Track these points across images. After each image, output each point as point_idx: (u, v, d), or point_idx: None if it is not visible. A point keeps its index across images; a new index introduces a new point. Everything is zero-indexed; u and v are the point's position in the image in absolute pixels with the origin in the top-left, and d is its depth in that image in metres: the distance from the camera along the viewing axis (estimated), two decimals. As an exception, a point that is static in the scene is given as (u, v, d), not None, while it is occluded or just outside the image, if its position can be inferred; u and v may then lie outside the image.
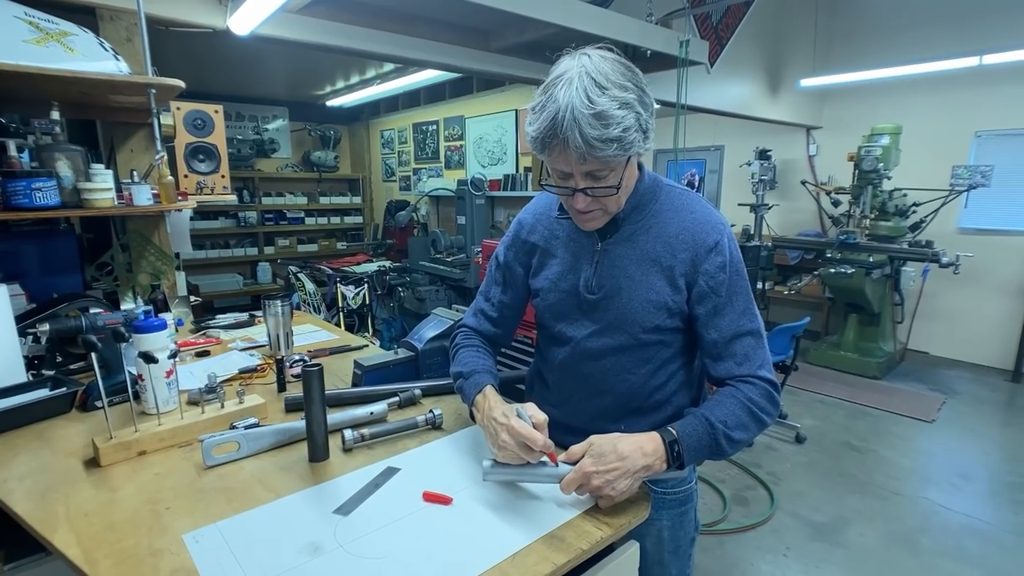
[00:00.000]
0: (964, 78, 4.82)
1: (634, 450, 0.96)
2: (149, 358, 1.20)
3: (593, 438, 0.99)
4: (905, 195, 4.83)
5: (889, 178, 4.76)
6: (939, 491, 3.08)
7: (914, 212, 4.82)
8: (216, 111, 2.53)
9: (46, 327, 1.43)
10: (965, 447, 3.65)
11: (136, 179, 1.88)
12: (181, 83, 1.84)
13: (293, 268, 4.98)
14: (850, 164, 4.90)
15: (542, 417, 1.02)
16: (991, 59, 4.03)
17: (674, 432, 1.00)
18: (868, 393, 4.45)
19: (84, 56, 1.71)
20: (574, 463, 0.97)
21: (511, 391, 3.53)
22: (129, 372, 1.33)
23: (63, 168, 1.68)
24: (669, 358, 1.14)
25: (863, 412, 4.14)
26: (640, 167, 1.10)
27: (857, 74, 4.72)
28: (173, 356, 1.29)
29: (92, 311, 1.55)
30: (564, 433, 1.15)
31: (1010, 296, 4.94)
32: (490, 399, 1.11)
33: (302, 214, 7.05)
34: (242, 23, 2.38)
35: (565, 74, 0.93)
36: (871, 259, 4.61)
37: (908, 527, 2.76)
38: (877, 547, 2.61)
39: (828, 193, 5.19)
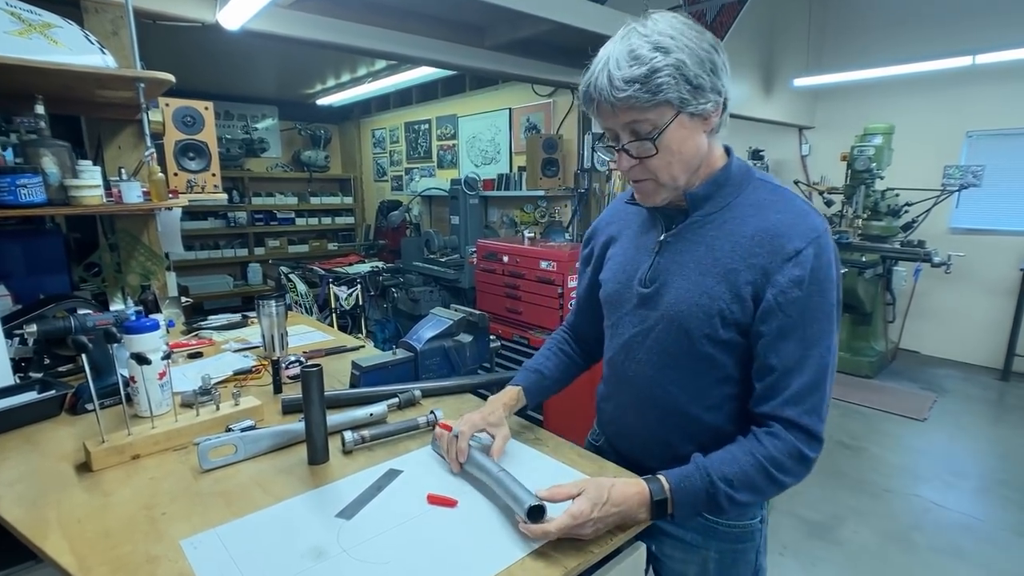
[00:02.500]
0: (956, 78, 4.85)
1: (622, 498, 0.90)
2: (142, 359, 1.16)
3: (583, 481, 0.92)
4: (897, 195, 4.86)
5: (882, 178, 4.79)
6: (931, 489, 3.10)
7: (906, 212, 4.85)
8: (206, 108, 2.49)
9: (33, 328, 1.39)
10: (956, 445, 3.68)
11: (125, 176, 1.84)
12: (171, 77, 1.80)
13: (284, 269, 4.92)
14: (843, 164, 4.93)
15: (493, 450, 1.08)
16: (984, 58, 4.06)
17: (666, 488, 0.92)
18: (860, 392, 4.47)
19: (69, 49, 1.66)
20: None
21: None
22: (121, 374, 1.29)
23: (49, 164, 1.64)
24: (722, 379, 0.99)
25: (855, 411, 4.16)
26: (729, 152, 1.01)
27: (850, 73, 4.74)
28: (166, 357, 1.26)
29: (81, 312, 1.51)
30: (610, 432, 1.20)
31: (1000, 296, 4.99)
32: (499, 399, 1.18)
33: (293, 214, 6.97)
34: (232, 17, 2.34)
35: (619, 33, 0.90)
36: (864, 259, 4.63)
37: (902, 524, 2.77)
38: (872, 545, 2.61)
39: (821, 193, 5.22)
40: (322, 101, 6.52)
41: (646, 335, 1.03)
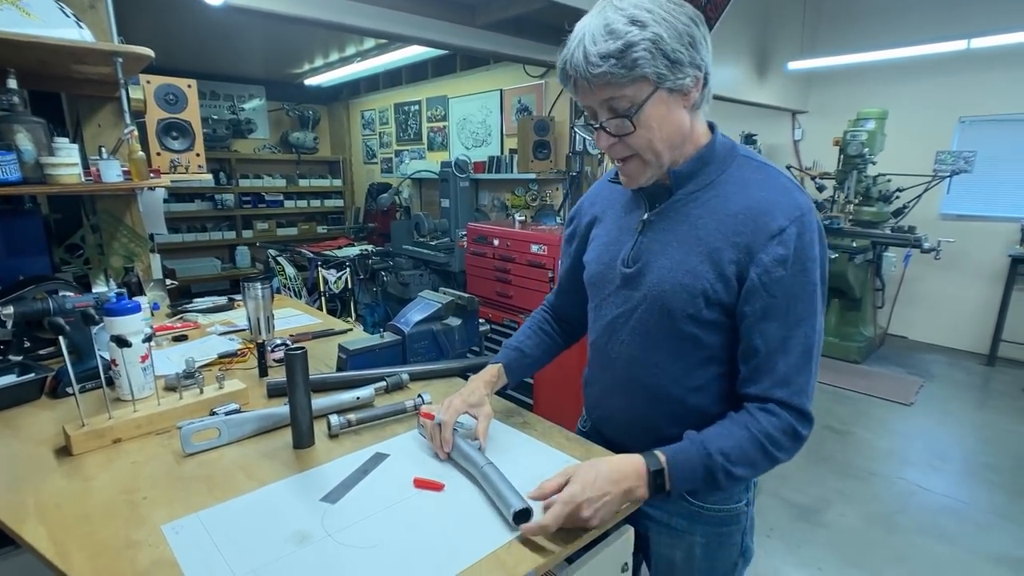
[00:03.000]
0: (949, 63, 4.84)
1: (618, 473, 0.88)
2: (122, 342, 1.14)
3: (569, 467, 0.90)
4: (889, 180, 4.86)
5: (874, 163, 4.78)
6: (917, 472, 3.13)
7: (897, 197, 4.86)
8: (189, 85, 2.43)
9: (10, 310, 1.35)
10: (942, 429, 3.72)
11: (105, 155, 1.79)
12: (150, 52, 1.75)
13: (273, 252, 4.88)
14: (835, 149, 4.91)
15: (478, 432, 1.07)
16: (979, 43, 4.03)
17: (662, 460, 0.89)
18: (848, 377, 4.51)
19: (43, 21, 1.60)
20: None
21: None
22: (101, 357, 1.26)
23: (23, 141, 1.59)
24: (706, 360, 0.98)
25: (844, 396, 4.19)
26: (713, 129, 0.98)
27: (844, 57, 4.72)
28: (147, 340, 1.23)
29: (60, 294, 1.48)
30: (595, 417, 1.16)
31: (988, 281, 5.02)
32: (479, 378, 1.16)
33: (281, 197, 6.90)
34: (215, -8, 2.28)
35: (595, 6, 0.88)
36: (854, 244, 4.64)
37: (887, 507, 2.80)
38: (857, 526, 2.64)
39: (813, 178, 5.21)
40: (310, 81, 6.42)
41: (629, 316, 1.01)
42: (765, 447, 0.89)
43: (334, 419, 1.15)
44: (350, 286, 4.37)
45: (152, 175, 1.95)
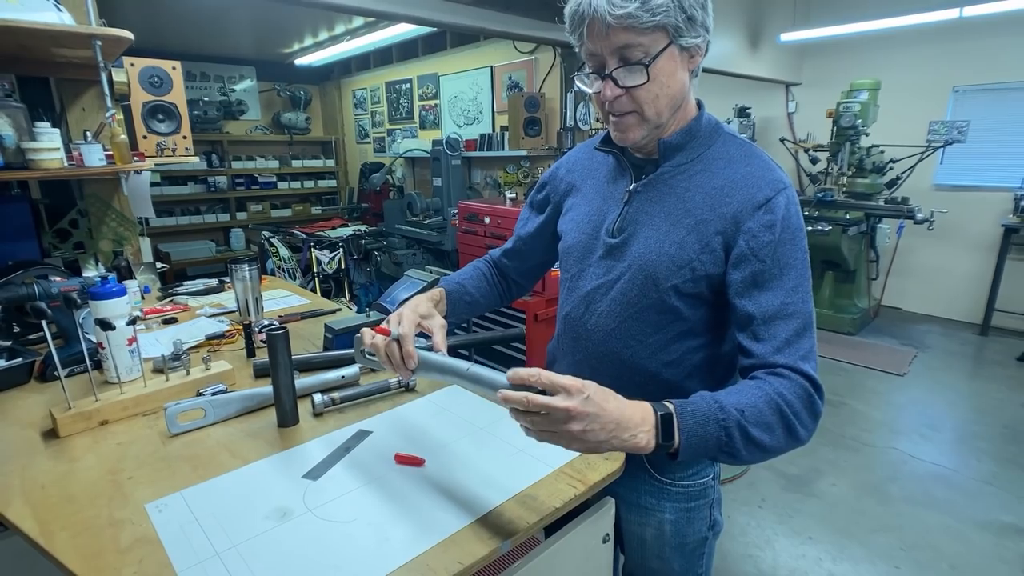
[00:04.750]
0: (943, 32, 4.78)
1: (624, 410, 0.74)
2: (106, 325, 1.14)
3: (578, 381, 0.72)
4: (882, 151, 4.83)
5: (867, 134, 4.75)
6: (908, 441, 3.17)
7: (891, 169, 4.83)
8: (174, 68, 2.40)
9: (-4, 295, 1.36)
10: (934, 399, 3.75)
11: (88, 139, 1.78)
12: (129, 34, 1.73)
13: (266, 233, 4.87)
14: (829, 121, 4.88)
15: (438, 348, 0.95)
16: (971, 11, 3.99)
17: (669, 407, 0.78)
18: (843, 349, 4.53)
19: (22, 5, 1.58)
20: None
21: (490, 352, 3.52)
22: (88, 340, 1.27)
23: (3, 126, 1.58)
24: (684, 332, 0.97)
25: (838, 367, 4.22)
26: (700, 105, 0.98)
27: (837, 28, 4.65)
28: (132, 323, 1.24)
29: (49, 279, 1.48)
30: None
31: (981, 251, 5.02)
32: (420, 296, 1.07)
33: (274, 178, 6.85)
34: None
35: None
36: (848, 216, 4.63)
37: (878, 476, 2.84)
38: (848, 496, 2.68)
39: (807, 150, 5.18)
40: (301, 61, 6.34)
41: (610, 286, 0.99)
42: (784, 412, 0.81)
43: (318, 398, 1.17)
44: (344, 266, 4.37)
45: (136, 158, 1.94)
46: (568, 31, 0.90)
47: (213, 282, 2.19)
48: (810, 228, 4.70)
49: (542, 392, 0.70)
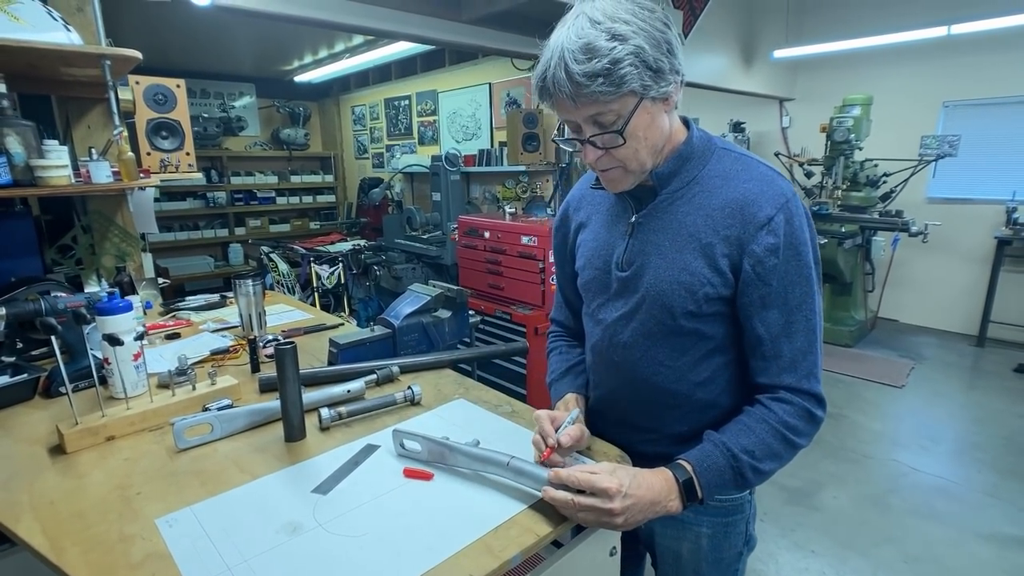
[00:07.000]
0: (933, 48, 4.86)
1: (651, 485, 0.87)
2: (114, 340, 1.15)
3: (609, 464, 0.90)
4: (876, 165, 4.89)
5: (860, 148, 4.82)
6: (908, 453, 3.17)
7: (884, 182, 4.89)
8: (178, 85, 2.43)
9: (2, 311, 1.36)
10: (933, 411, 3.76)
11: (95, 156, 1.80)
12: (137, 54, 1.75)
13: (265, 248, 4.88)
14: (822, 135, 4.94)
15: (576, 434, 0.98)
16: (959, 28, 4.07)
17: (688, 469, 0.89)
18: (841, 361, 4.55)
19: (32, 26, 1.61)
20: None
21: (488, 365, 3.51)
22: (94, 356, 1.28)
23: (13, 144, 1.60)
24: (711, 351, 0.98)
25: (836, 379, 4.23)
26: (688, 124, 0.98)
27: (829, 44, 4.73)
28: (139, 338, 1.25)
29: (53, 295, 1.49)
30: (599, 420, 1.11)
31: (975, 263, 5.07)
32: (581, 417, 1.08)
33: (273, 193, 6.89)
34: (201, -8, 2.28)
35: (565, 19, 0.86)
36: (843, 229, 4.68)
37: (879, 488, 2.84)
38: (849, 508, 2.68)
39: (801, 165, 5.24)
40: (300, 78, 6.41)
41: (629, 318, 1.01)
42: (786, 437, 0.91)
43: (325, 412, 1.17)
44: (343, 281, 4.38)
45: (142, 175, 1.95)
46: (538, 101, 0.91)
47: (215, 297, 2.20)
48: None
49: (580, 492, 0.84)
